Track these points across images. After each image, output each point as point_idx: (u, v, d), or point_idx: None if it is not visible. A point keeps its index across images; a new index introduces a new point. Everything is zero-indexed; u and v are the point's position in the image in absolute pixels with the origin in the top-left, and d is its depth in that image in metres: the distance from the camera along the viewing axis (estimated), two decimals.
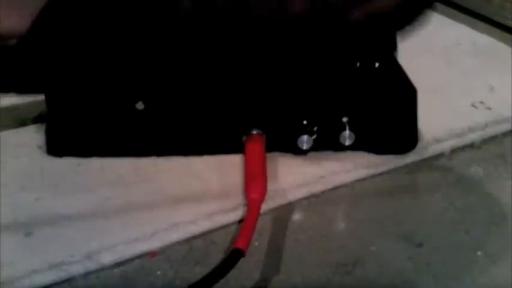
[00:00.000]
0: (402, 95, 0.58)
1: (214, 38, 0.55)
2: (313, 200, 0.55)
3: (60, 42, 0.54)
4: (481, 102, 0.66)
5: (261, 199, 0.52)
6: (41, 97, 0.59)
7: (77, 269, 0.48)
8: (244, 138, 0.58)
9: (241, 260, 0.46)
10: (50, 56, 0.55)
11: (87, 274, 0.48)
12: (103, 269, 0.48)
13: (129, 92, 0.57)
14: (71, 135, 0.58)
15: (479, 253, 0.50)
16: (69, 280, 0.47)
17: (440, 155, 0.60)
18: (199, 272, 0.47)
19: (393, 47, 0.58)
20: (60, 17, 0.54)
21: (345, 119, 0.57)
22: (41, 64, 0.55)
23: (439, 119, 0.63)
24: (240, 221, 0.52)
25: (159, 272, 0.48)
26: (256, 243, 0.50)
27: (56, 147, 0.58)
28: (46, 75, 0.56)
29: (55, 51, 0.55)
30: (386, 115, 0.58)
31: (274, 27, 0.54)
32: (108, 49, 0.55)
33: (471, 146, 0.61)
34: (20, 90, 0.57)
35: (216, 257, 0.48)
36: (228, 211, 0.53)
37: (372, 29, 0.55)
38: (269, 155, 0.57)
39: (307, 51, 0.56)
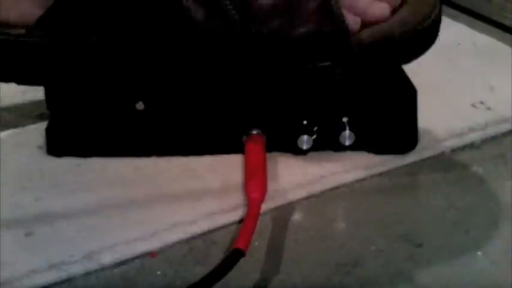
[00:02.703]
0: (402, 95, 0.58)
1: (220, 45, 0.55)
2: (313, 200, 0.55)
3: (65, 40, 0.54)
4: (481, 102, 0.66)
5: (261, 199, 0.52)
6: (41, 97, 0.59)
7: (77, 269, 0.48)
8: (244, 138, 0.58)
9: (241, 260, 0.46)
10: (53, 51, 0.55)
11: (87, 274, 0.48)
12: (103, 269, 0.48)
13: (129, 92, 0.57)
14: (71, 135, 0.58)
15: (479, 253, 0.49)
16: (69, 280, 0.47)
17: (440, 155, 0.60)
18: (199, 272, 0.47)
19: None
20: (66, 15, 0.54)
21: (345, 119, 0.57)
22: (45, 58, 0.55)
23: (439, 119, 0.63)
24: (240, 221, 0.52)
25: (159, 272, 0.48)
26: (256, 243, 0.50)
27: (56, 147, 0.58)
28: (48, 69, 0.56)
29: (59, 48, 0.55)
30: (386, 115, 0.58)
31: (280, 43, 0.54)
32: (109, 49, 0.55)
33: (471, 146, 0.61)
34: (21, 81, 0.57)
35: (216, 257, 0.48)
36: (228, 211, 0.53)
37: (377, 58, 0.55)
38: (269, 155, 0.57)
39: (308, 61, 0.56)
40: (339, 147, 0.58)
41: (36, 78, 0.56)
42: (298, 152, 0.58)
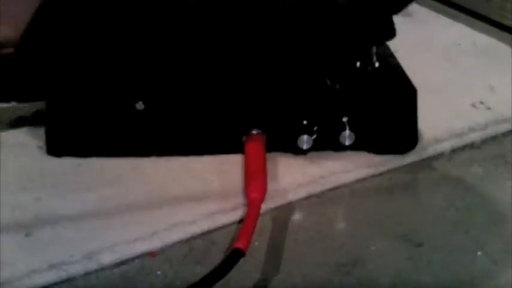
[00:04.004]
0: (402, 95, 0.58)
1: (216, 39, 0.55)
2: (313, 200, 0.55)
3: (57, 43, 0.54)
4: (481, 102, 0.66)
5: (261, 199, 0.52)
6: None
7: (77, 269, 0.48)
8: (244, 138, 0.58)
9: (241, 260, 0.46)
10: (47, 57, 0.55)
11: (87, 274, 0.48)
12: (103, 269, 0.48)
13: (129, 92, 0.57)
14: (71, 135, 0.58)
15: (479, 253, 0.50)
16: (69, 280, 0.47)
17: (440, 155, 0.60)
18: (199, 272, 0.47)
19: (392, 33, 0.58)
20: (55, 19, 0.54)
21: (345, 119, 0.57)
22: (39, 67, 0.55)
23: (439, 119, 0.63)
24: (240, 221, 0.52)
25: (159, 272, 0.48)
26: (256, 243, 0.50)
27: (56, 147, 0.58)
28: (45, 78, 0.55)
29: (52, 52, 0.54)
30: (386, 115, 0.58)
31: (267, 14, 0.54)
32: (108, 49, 0.55)
33: (471, 146, 0.61)
34: (21, 99, 0.57)
35: (216, 257, 0.48)
36: (228, 211, 0.53)
37: (368, 10, 0.54)
38: (269, 155, 0.57)
39: (307, 45, 0.55)
40: (339, 147, 0.58)
41: (35, 94, 0.56)
42: (298, 152, 0.58)
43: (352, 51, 0.56)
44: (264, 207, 0.52)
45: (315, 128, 0.58)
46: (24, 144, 0.60)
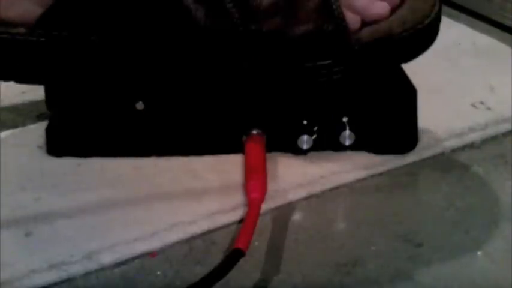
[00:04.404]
0: (402, 95, 0.58)
1: (220, 44, 0.55)
2: (313, 200, 0.55)
3: (65, 38, 0.54)
4: (481, 102, 0.66)
5: (261, 199, 0.52)
6: (41, 97, 0.59)
7: (77, 269, 0.48)
8: (244, 138, 0.58)
9: (241, 260, 0.46)
10: (53, 50, 0.55)
11: (87, 274, 0.48)
12: (103, 269, 0.48)
13: (129, 92, 0.57)
14: (71, 135, 0.58)
15: (479, 253, 0.49)
16: (69, 280, 0.47)
17: (440, 155, 0.60)
18: (199, 272, 0.47)
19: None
20: (67, 14, 0.54)
21: (345, 119, 0.57)
22: (45, 57, 0.55)
23: (439, 119, 0.63)
24: (240, 221, 0.52)
25: (159, 272, 0.48)
26: (256, 243, 0.50)
27: (56, 147, 0.58)
28: (48, 68, 0.56)
29: (59, 47, 0.54)
30: (386, 115, 0.58)
31: (280, 41, 0.54)
32: (109, 49, 0.55)
33: (471, 146, 0.61)
34: (20, 80, 0.57)
35: (216, 257, 0.48)
36: (228, 211, 0.53)
37: (377, 56, 0.55)
38: (269, 155, 0.57)
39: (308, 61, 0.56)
40: (339, 147, 0.58)
41: (36, 77, 0.56)
42: (298, 152, 0.58)
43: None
44: (264, 207, 0.52)
45: (315, 128, 0.58)
46: (24, 144, 0.60)
